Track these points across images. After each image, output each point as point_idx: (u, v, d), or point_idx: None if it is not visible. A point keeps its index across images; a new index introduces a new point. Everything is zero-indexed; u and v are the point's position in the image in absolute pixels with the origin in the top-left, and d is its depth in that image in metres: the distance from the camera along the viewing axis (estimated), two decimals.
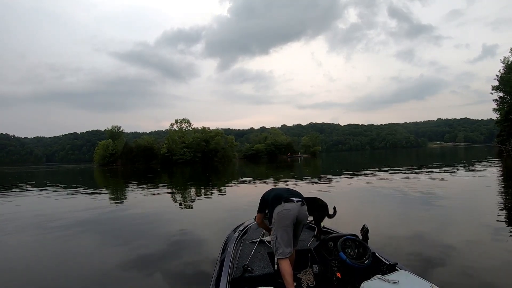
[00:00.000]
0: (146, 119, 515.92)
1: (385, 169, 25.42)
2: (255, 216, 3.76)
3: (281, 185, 17.26)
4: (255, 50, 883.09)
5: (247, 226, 4.75)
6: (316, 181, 18.87)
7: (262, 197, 3.66)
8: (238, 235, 4.27)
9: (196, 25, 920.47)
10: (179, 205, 12.62)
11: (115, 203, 14.04)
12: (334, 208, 4.40)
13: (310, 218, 4.32)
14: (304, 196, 3.57)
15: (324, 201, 4.44)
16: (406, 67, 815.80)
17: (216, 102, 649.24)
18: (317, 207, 4.34)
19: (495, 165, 24.40)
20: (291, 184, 17.26)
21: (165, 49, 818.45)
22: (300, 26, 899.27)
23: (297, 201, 3.27)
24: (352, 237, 3.28)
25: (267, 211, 3.53)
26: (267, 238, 3.85)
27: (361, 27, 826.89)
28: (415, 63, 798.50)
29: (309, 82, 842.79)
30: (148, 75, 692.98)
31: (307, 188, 15.01)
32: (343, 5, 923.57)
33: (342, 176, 20.61)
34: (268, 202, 3.44)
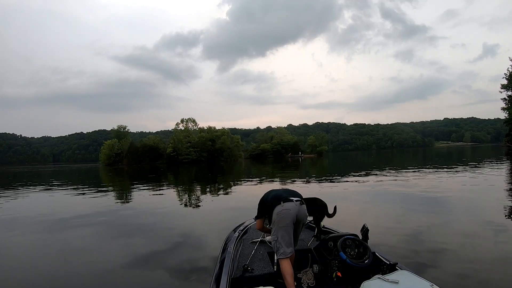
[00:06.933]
0: (151, 120, 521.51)
1: (390, 169, 25.29)
2: (255, 216, 3.73)
3: (288, 185, 17.25)
4: (253, 53, 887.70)
5: (247, 226, 4.74)
6: (321, 180, 18.80)
7: (260, 200, 3.63)
8: (238, 235, 4.25)
9: (194, 29, 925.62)
10: (182, 204, 12.67)
11: (118, 202, 14.12)
12: (335, 208, 4.37)
13: (310, 218, 4.30)
14: (304, 197, 3.55)
15: (324, 200, 4.41)
16: (406, 67, 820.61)
17: (219, 103, 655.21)
18: (317, 207, 4.32)
19: (504, 165, 24.15)
20: (296, 184, 17.25)
21: (163, 52, 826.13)
22: (296, 29, 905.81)
23: (296, 200, 3.26)
24: (352, 236, 3.25)
25: (266, 216, 3.50)
26: (268, 238, 3.83)
27: (358, 28, 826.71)
28: (415, 63, 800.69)
29: (311, 82, 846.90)
30: (149, 77, 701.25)
31: (310, 188, 14.99)
32: (338, 7, 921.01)
33: (346, 176, 20.57)
34: (267, 204, 3.41)
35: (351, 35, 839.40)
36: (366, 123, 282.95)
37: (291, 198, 3.28)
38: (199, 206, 11.85)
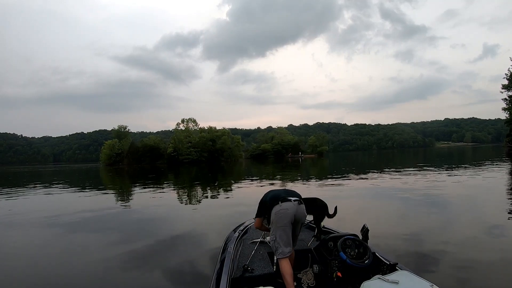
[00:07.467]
0: (152, 120, 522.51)
1: (391, 169, 25.27)
2: (255, 215, 3.74)
3: (289, 185, 17.25)
4: (252, 53, 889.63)
5: (247, 226, 4.74)
6: (321, 181, 18.79)
7: (260, 201, 3.63)
8: (238, 235, 4.26)
9: (194, 29, 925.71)
10: (183, 204, 12.68)
11: (118, 202, 14.14)
12: (335, 208, 4.37)
13: (310, 218, 4.30)
14: (304, 197, 3.54)
15: (324, 201, 4.41)
16: (406, 67, 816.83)
17: (220, 103, 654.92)
18: (317, 207, 4.32)
19: (505, 165, 24.09)
20: (296, 185, 17.24)
21: (163, 53, 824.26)
22: (296, 29, 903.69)
23: (294, 200, 3.26)
24: (352, 237, 3.25)
25: (266, 216, 3.50)
26: (268, 238, 3.83)
27: (357, 29, 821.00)
28: (415, 63, 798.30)
29: (312, 82, 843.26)
30: (149, 77, 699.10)
31: (310, 188, 14.99)
32: (338, 7, 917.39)
33: (347, 176, 20.54)
34: (266, 204, 3.42)
35: (351, 35, 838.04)
36: (367, 123, 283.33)
37: (289, 198, 3.28)
38: (199, 206, 11.86)
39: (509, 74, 60.77)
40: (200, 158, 76.60)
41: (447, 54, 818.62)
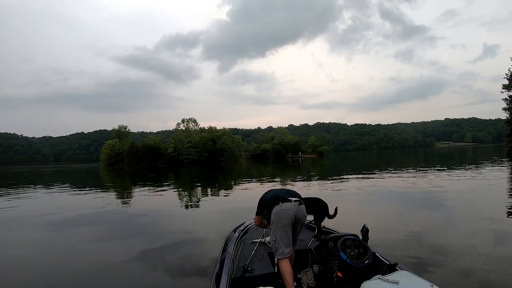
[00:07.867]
0: (152, 120, 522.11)
1: (391, 169, 25.27)
2: (255, 213, 3.74)
3: (289, 185, 17.24)
4: (252, 53, 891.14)
5: (248, 226, 4.74)
6: (321, 181, 18.79)
7: (259, 200, 3.63)
8: (239, 235, 4.26)
9: (194, 29, 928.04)
10: (183, 204, 12.64)
11: (118, 202, 14.14)
12: (336, 209, 4.37)
13: (311, 218, 4.30)
14: (305, 197, 3.53)
15: (325, 201, 4.41)
16: (406, 67, 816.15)
17: (220, 103, 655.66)
18: (318, 207, 4.32)
19: (505, 165, 24.08)
20: (296, 185, 17.23)
21: (164, 53, 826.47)
22: (296, 29, 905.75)
23: (294, 201, 3.25)
24: (353, 237, 3.24)
25: (265, 213, 3.50)
26: (268, 239, 3.82)
27: (357, 29, 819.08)
28: (415, 63, 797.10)
29: (312, 82, 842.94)
30: (150, 77, 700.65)
31: (311, 188, 14.98)
32: (337, 8, 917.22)
33: (347, 176, 20.53)
34: (266, 204, 3.41)
35: (351, 35, 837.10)
36: (367, 123, 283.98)
37: (289, 198, 3.27)
38: (199, 206, 11.85)
39: (509, 74, 60.95)
40: (200, 158, 76.59)
41: (447, 54, 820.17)
